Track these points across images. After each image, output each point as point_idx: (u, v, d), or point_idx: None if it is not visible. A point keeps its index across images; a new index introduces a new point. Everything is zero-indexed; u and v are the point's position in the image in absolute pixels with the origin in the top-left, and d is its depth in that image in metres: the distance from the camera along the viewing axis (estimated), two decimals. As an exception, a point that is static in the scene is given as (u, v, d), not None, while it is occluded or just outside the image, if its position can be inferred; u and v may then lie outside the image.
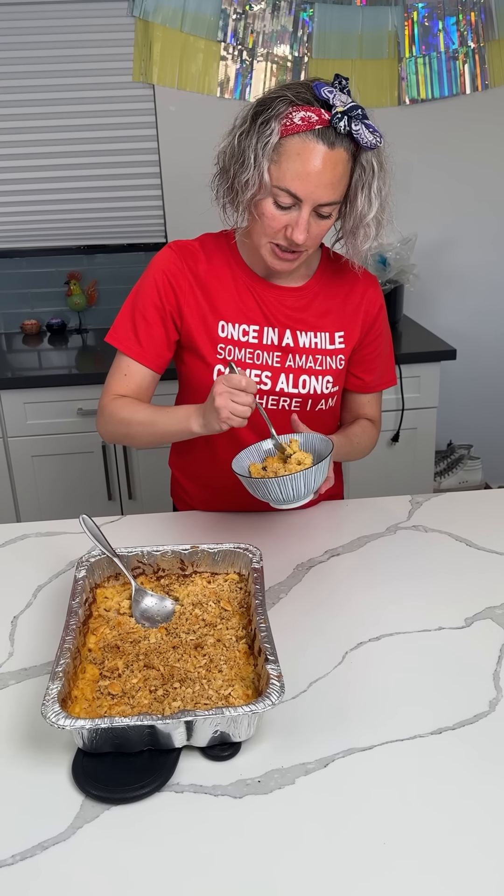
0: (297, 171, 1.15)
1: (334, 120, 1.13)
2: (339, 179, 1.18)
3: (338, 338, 1.38)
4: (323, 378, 1.37)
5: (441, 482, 3.02)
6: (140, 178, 2.80)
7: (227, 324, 1.33)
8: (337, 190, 1.18)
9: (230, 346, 1.33)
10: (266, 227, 1.22)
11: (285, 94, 1.15)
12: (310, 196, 1.17)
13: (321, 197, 1.17)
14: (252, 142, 1.15)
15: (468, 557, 1.31)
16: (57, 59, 2.64)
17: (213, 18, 2.63)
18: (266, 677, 0.90)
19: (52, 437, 2.51)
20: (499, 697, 0.98)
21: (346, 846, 0.78)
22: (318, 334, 1.36)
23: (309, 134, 1.14)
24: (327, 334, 1.37)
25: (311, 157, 1.14)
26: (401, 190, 2.94)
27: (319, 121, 1.13)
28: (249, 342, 1.33)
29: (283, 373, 1.35)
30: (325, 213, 1.20)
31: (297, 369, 1.35)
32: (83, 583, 1.09)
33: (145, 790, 0.84)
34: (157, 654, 1.01)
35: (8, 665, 1.07)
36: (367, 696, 0.99)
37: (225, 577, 1.17)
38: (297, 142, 1.14)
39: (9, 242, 2.84)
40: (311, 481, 1.13)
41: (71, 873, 0.76)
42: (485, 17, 2.71)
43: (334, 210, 1.22)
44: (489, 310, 3.11)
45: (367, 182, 1.21)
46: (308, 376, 1.36)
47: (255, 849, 0.78)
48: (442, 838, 0.79)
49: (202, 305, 1.33)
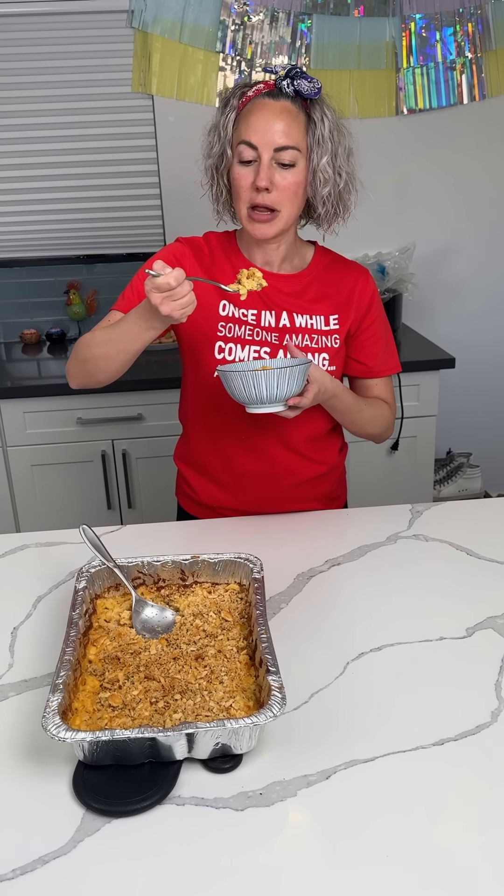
0: (251, 123, 1.30)
1: (277, 81, 1.31)
2: (290, 125, 1.29)
3: (332, 320, 1.45)
4: (319, 355, 1.43)
5: (440, 490, 3.02)
6: (139, 188, 2.81)
7: (229, 304, 1.41)
8: (289, 135, 1.29)
9: (231, 323, 1.40)
10: (238, 190, 1.33)
11: (239, 84, 1.37)
12: (263, 140, 1.28)
13: (274, 139, 1.28)
14: (219, 121, 1.35)
15: (469, 567, 1.31)
16: (56, 69, 2.65)
17: (211, 29, 2.64)
18: (267, 688, 0.89)
19: (51, 447, 2.51)
20: (501, 708, 0.98)
21: (348, 859, 0.78)
22: (313, 317, 1.44)
23: (258, 97, 1.32)
24: (322, 317, 1.44)
25: (260, 110, 1.30)
26: (399, 199, 2.96)
27: (266, 86, 1.32)
28: (248, 321, 1.41)
29: (280, 349, 1.41)
30: (285, 161, 1.29)
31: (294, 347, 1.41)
32: (83, 593, 1.09)
33: (146, 803, 0.83)
34: (157, 666, 1.01)
35: (8, 677, 1.06)
36: (369, 706, 0.99)
37: (226, 587, 1.17)
38: (250, 105, 1.32)
39: (8, 252, 2.85)
40: (274, 383, 1.21)
41: (72, 887, 0.76)
42: (482, 28, 2.73)
43: (296, 160, 1.30)
44: (488, 318, 3.11)
45: (319, 133, 1.32)
46: (305, 353, 1.41)
47: (258, 861, 0.78)
48: (445, 850, 0.79)
49: (207, 285, 1.39)
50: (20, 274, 2.87)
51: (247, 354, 1.40)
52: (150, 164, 2.78)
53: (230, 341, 1.40)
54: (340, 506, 1.63)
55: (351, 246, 2.80)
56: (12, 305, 2.91)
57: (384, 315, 1.53)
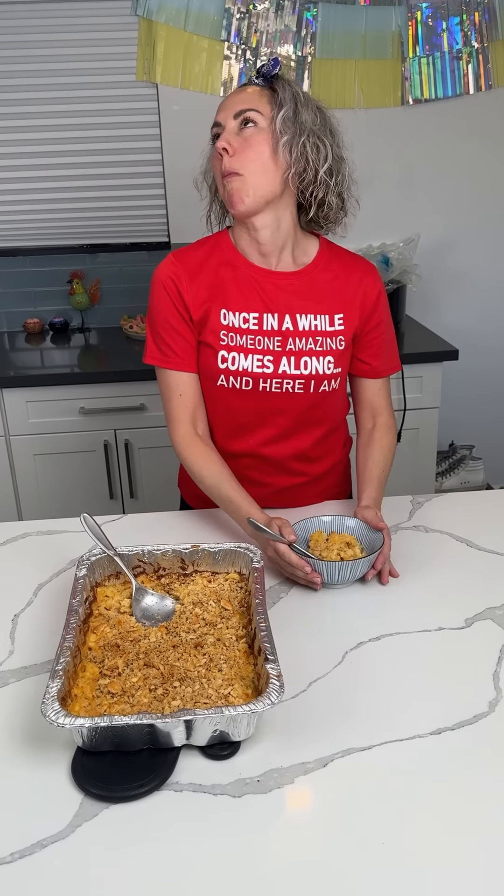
0: (219, 106, 1.33)
1: (252, 74, 1.34)
2: (252, 96, 1.30)
3: (337, 319, 1.40)
4: (324, 359, 1.39)
5: (443, 482, 3.02)
6: (143, 178, 2.81)
7: (228, 312, 1.37)
8: (248, 102, 1.29)
9: (232, 332, 1.37)
10: (215, 172, 1.35)
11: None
12: (224, 111, 1.31)
13: (234, 106, 1.30)
14: (211, 138, 1.36)
15: (469, 558, 1.31)
16: (60, 58, 2.64)
17: (216, 18, 2.62)
18: (266, 677, 0.90)
19: (54, 436, 2.52)
20: (498, 698, 0.98)
21: (344, 846, 0.78)
22: (317, 317, 1.39)
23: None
24: (326, 316, 1.40)
25: (229, 95, 1.34)
26: (404, 189, 2.95)
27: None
28: (250, 329, 1.37)
29: (284, 356, 1.38)
30: (247, 119, 1.29)
31: (298, 352, 1.38)
32: (84, 581, 1.09)
33: (144, 789, 0.84)
34: (157, 653, 1.01)
35: (8, 663, 1.07)
36: (367, 696, 0.99)
37: (225, 576, 1.17)
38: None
39: (12, 241, 2.85)
40: (347, 571, 1.20)
41: (70, 872, 0.77)
42: (489, 18, 2.71)
43: (257, 119, 1.29)
44: (491, 310, 3.10)
45: (288, 114, 1.29)
46: (309, 357, 1.39)
47: (254, 848, 0.78)
48: (441, 838, 0.79)
49: (204, 297, 1.38)
50: (23, 263, 2.87)
51: (250, 364, 1.37)
52: (155, 153, 2.77)
53: (233, 350, 1.37)
54: (346, 497, 1.63)
55: (355, 237, 2.79)
56: (16, 294, 2.91)
57: (389, 313, 1.50)
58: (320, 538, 1.27)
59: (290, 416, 1.42)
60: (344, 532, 1.29)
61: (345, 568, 1.19)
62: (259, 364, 1.37)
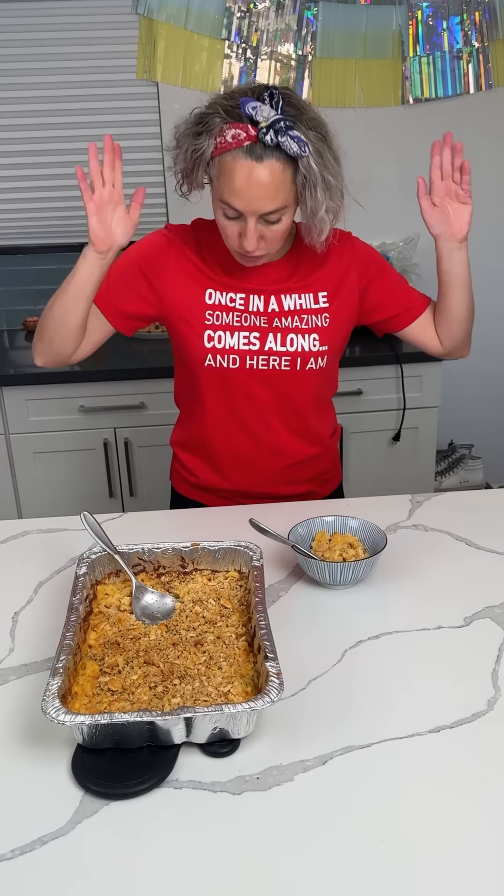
0: (232, 187, 1.21)
1: (260, 135, 1.17)
2: (277, 189, 1.22)
3: (321, 297, 1.43)
4: (309, 336, 1.42)
5: (442, 482, 3.02)
6: (143, 176, 2.80)
7: (215, 291, 1.40)
8: (275, 199, 1.23)
9: (218, 311, 1.40)
10: (224, 237, 1.31)
11: (219, 108, 1.21)
12: (248, 209, 1.23)
13: (259, 208, 1.23)
14: (189, 144, 1.24)
15: (468, 557, 1.31)
16: (61, 56, 2.64)
17: (217, 16, 2.63)
18: (265, 675, 0.90)
19: (54, 434, 2.52)
20: (497, 696, 0.98)
21: (343, 843, 0.79)
22: (301, 295, 1.42)
23: (238, 151, 1.19)
24: (311, 294, 1.42)
25: (241, 174, 1.20)
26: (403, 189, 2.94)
27: (247, 137, 1.18)
28: (236, 307, 1.40)
29: (270, 332, 1.41)
30: (273, 220, 1.26)
31: (284, 329, 1.41)
32: (84, 579, 1.10)
33: (144, 786, 0.84)
34: (157, 651, 1.02)
35: (8, 661, 1.07)
36: (366, 694, 0.99)
37: (225, 574, 1.18)
38: (229, 159, 1.20)
39: (12, 239, 2.85)
40: (349, 573, 1.20)
41: (70, 868, 0.77)
42: (489, 17, 2.71)
43: (283, 215, 1.26)
44: (491, 309, 3.10)
45: (312, 183, 1.23)
46: (295, 335, 1.41)
47: (254, 845, 0.79)
48: (439, 837, 0.79)
49: (191, 274, 1.40)
50: (23, 261, 2.87)
51: (236, 341, 1.40)
52: (155, 151, 2.77)
53: (219, 329, 1.39)
54: (334, 486, 1.65)
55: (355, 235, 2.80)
56: (15, 293, 2.91)
57: (387, 262, 1.50)
58: (323, 539, 1.28)
59: (277, 394, 1.45)
60: (346, 533, 1.30)
61: (346, 569, 1.19)
62: (245, 341, 1.40)
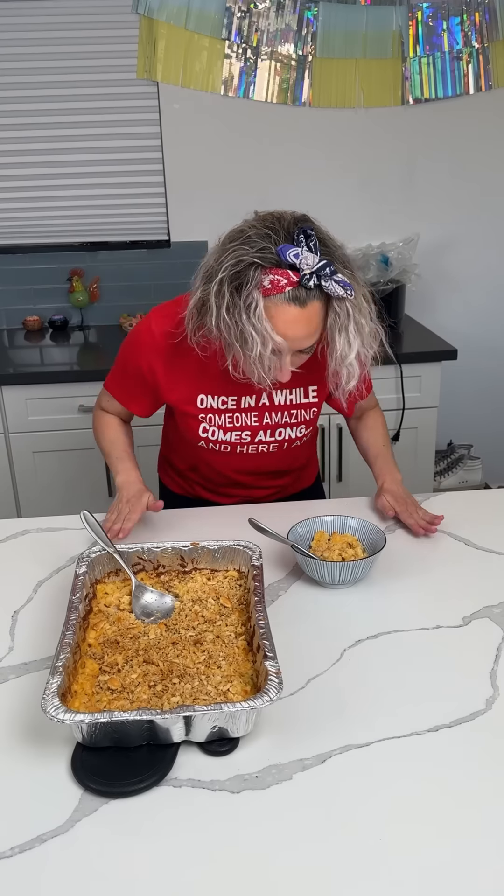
0: (277, 330, 1.16)
1: (303, 280, 1.13)
2: (315, 329, 1.20)
3: (311, 392, 1.44)
4: (297, 427, 1.45)
5: (441, 482, 3.02)
6: (143, 176, 2.80)
7: (206, 396, 1.39)
8: (313, 336, 1.21)
9: (210, 414, 1.40)
10: (253, 368, 1.21)
11: (252, 259, 1.13)
12: (287, 349, 1.20)
13: (298, 346, 1.21)
14: (243, 318, 1.15)
15: (466, 556, 1.32)
16: (61, 55, 2.64)
17: (217, 16, 2.63)
18: (264, 674, 0.90)
19: (53, 434, 2.52)
20: (495, 696, 0.99)
21: (342, 841, 0.79)
22: (293, 391, 1.42)
23: (280, 297, 1.14)
24: (301, 389, 1.43)
25: (285, 318, 1.16)
26: (404, 189, 2.95)
27: (289, 283, 1.13)
28: (228, 409, 1.40)
29: (261, 430, 1.43)
30: (307, 351, 1.25)
31: (274, 425, 1.43)
32: (84, 578, 1.10)
33: (144, 784, 0.85)
34: (156, 650, 1.02)
35: (8, 660, 1.08)
36: (365, 693, 1.00)
37: (225, 573, 1.18)
38: (271, 304, 1.15)
39: (12, 239, 2.85)
40: (349, 572, 1.20)
41: (69, 866, 0.77)
42: (489, 18, 2.71)
43: (318, 343, 1.25)
44: (491, 310, 3.11)
45: (343, 325, 1.20)
46: (284, 428, 1.44)
47: (252, 843, 0.79)
48: (438, 835, 0.80)
49: (181, 383, 1.39)
50: (23, 261, 2.87)
51: (229, 437, 1.42)
52: (155, 151, 2.77)
53: (212, 426, 1.41)
54: (314, 474, 1.69)
55: (355, 236, 2.80)
56: (15, 292, 2.91)
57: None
58: (322, 538, 1.28)
59: (263, 464, 1.50)
60: (346, 532, 1.30)
61: (346, 569, 1.19)
62: (237, 437, 1.43)
